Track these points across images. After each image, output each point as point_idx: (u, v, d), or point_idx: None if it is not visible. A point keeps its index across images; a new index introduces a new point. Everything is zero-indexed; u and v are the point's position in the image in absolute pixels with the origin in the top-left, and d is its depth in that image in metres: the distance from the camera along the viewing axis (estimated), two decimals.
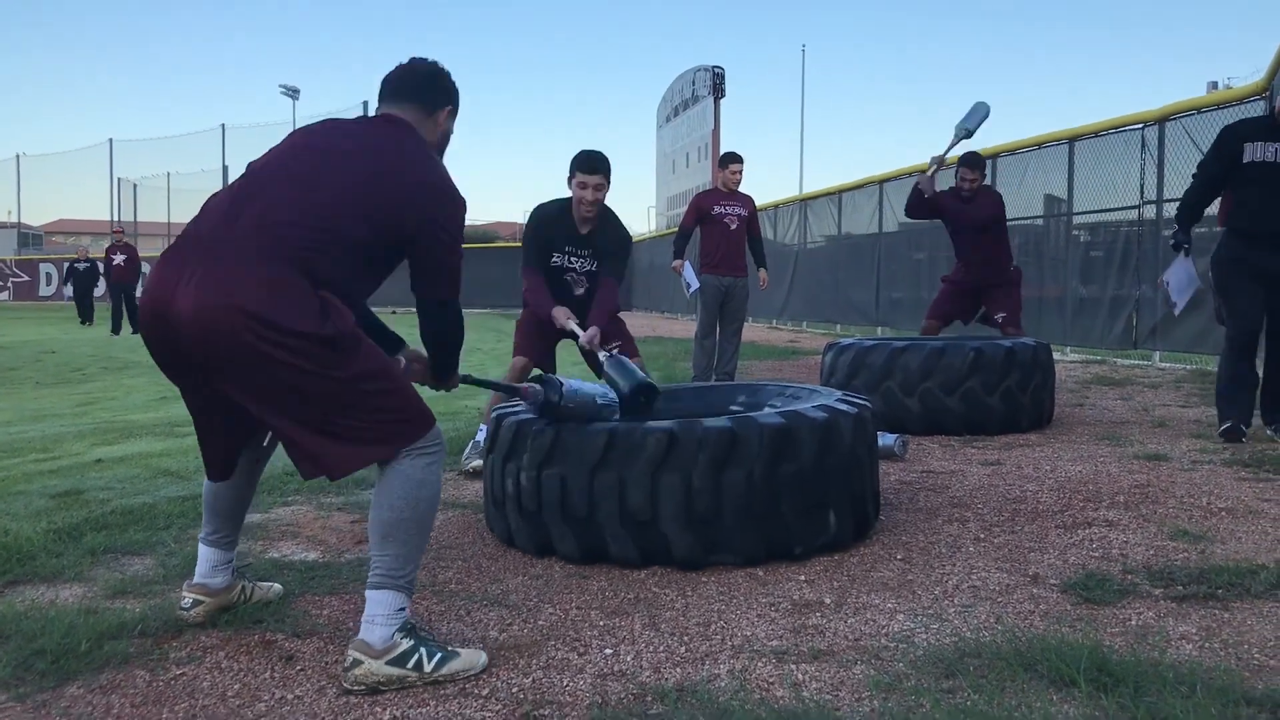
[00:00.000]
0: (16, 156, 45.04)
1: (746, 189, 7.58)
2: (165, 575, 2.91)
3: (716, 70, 27.22)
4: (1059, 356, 9.19)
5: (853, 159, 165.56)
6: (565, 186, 4.59)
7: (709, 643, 2.40)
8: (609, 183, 4.51)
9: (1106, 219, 10.41)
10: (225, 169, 33.40)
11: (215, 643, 2.41)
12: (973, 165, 6.81)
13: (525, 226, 4.71)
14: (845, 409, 3.18)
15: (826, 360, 5.90)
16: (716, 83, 27.03)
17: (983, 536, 3.31)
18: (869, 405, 3.36)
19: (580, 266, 4.63)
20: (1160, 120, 9.33)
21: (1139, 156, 9.66)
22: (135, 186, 40.07)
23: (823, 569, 2.97)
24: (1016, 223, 9.77)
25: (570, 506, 2.98)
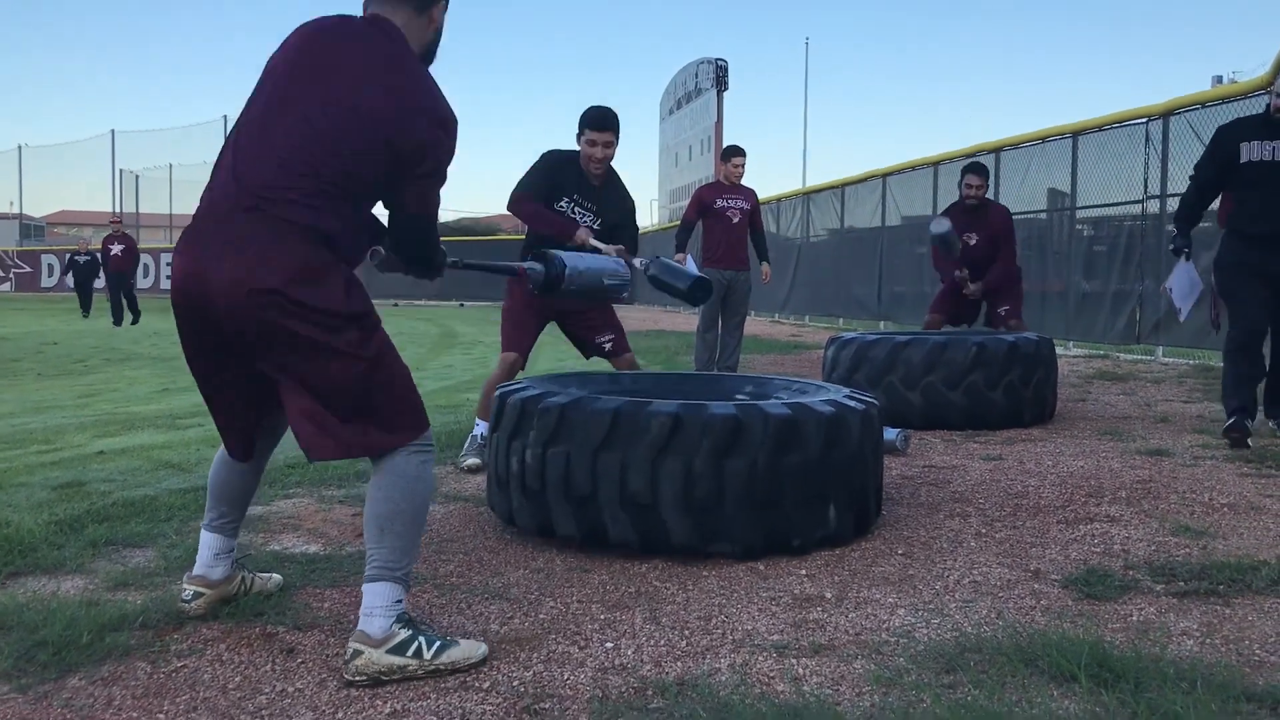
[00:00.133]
0: (19, 147, 45.05)
1: (749, 182, 7.58)
2: (166, 567, 2.92)
3: (720, 63, 27.10)
4: (1062, 351, 9.17)
5: (856, 152, 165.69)
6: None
7: (710, 637, 2.40)
8: (618, 140, 4.44)
9: (1110, 213, 10.40)
10: None
11: (216, 635, 2.41)
12: (978, 172, 6.85)
13: (535, 163, 4.52)
14: (852, 405, 3.17)
15: (829, 354, 5.90)
16: (720, 75, 26.92)
17: (984, 531, 3.31)
18: (876, 403, 3.36)
19: (583, 220, 4.47)
20: (1165, 115, 9.31)
21: (1143, 151, 9.64)
22: (137, 178, 40.09)
23: (824, 563, 2.97)
24: (1020, 217, 9.74)
25: (573, 486, 2.99)
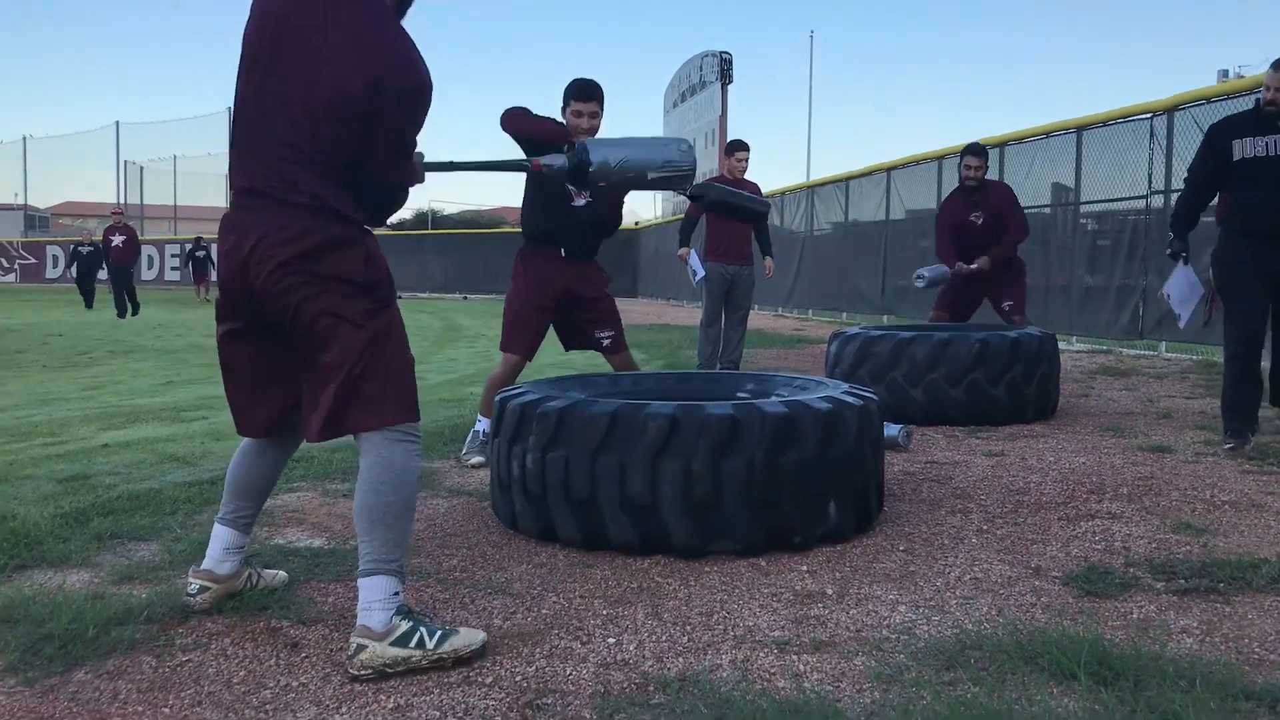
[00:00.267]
0: (23, 139, 45.15)
1: (753, 176, 7.56)
2: (171, 561, 2.93)
3: (724, 56, 26.95)
4: (1064, 346, 9.16)
5: (860, 146, 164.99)
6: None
7: (711, 633, 2.41)
8: (603, 111, 4.41)
9: (1114, 208, 10.38)
10: None
11: (221, 629, 2.43)
12: (976, 153, 6.84)
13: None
14: (850, 400, 3.18)
15: (832, 349, 5.90)
16: (724, 68, 26.78)
17: (985, 528, 3.32)
18: (875, 398, 3.36)
19: (574, 193, 4.42)
20: (1169, 110, 9.29)
21: (1147, 146, 9.62)
22: (142, 169, 40.15)
23: (825, 560, 2.98)
24: (1024, 211, 9.72)
25: (573, 489, 3.00)
